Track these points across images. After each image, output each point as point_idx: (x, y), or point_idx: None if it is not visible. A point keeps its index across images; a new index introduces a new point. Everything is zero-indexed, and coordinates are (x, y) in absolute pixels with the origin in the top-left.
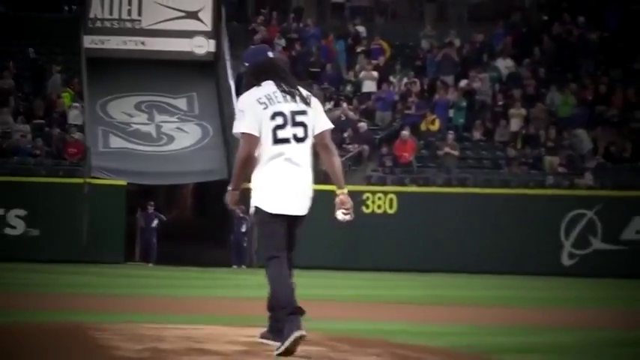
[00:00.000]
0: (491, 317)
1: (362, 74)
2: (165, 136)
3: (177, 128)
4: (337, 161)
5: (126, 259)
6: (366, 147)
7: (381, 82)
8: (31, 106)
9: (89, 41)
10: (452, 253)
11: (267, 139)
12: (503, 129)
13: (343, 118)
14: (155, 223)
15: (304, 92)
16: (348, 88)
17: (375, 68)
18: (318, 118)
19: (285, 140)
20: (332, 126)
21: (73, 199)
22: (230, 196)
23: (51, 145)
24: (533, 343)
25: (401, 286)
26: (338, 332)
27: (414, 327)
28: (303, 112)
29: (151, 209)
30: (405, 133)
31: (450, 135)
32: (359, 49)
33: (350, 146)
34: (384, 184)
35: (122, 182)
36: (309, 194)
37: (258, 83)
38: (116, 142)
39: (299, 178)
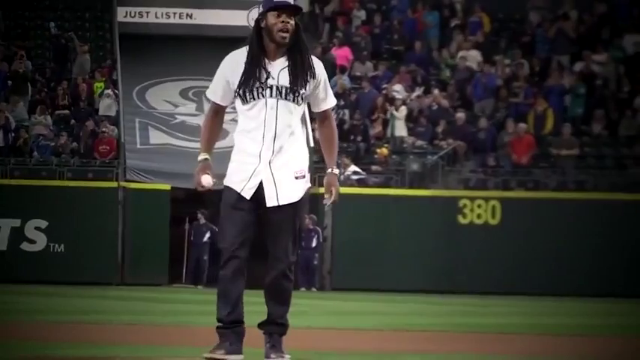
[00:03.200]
0: (610, 349)
1: (458, 54)
2: None
3: (233, 120)
4: None
5: (171, 281)
6: (462, 143)
7: (481, 63)
8: (53, 94)
9: (124, 14)
10: (568, 272)
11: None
12: (630, 121)
13: (435, 107)
14: (207, 236)
15: None
16: (446, 72)
17: (474, 46)
18: None
19: None
20: None
21: (105, 207)
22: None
23: (78, 141)
24: None
25: (503, 312)
26: None
27: None
28: None
29: (202, 220)
30: (523, 126)
31: (566, 129)
32: (453, 23)
33: (443, 142)
34: (485, 188)
35: (165, 186)
36: None
37: None
38: (157, 138)
39: None
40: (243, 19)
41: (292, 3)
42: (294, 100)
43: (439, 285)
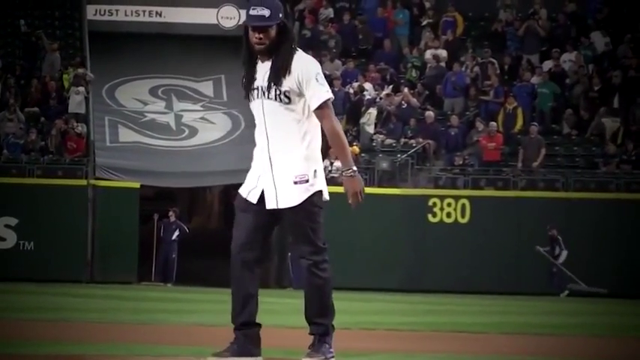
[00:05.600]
0: (579, 350)
1: (427, 52)
2: (186, 127)
3: (202, 118)
4: None
5: (140, 279)
6: (431, 141)
7: (450, 61)
8: (23, 92)
9: (93, 12)
10: (538, 271)
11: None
12: (600, 120)
13: (404, 105)
14: (176, 234)
15: None
16: (416, 70)
17: (444, 45)
18: None
19: None
20: None
21: (75, 204)
22: (360, 182)
23: (47, 139)
24: None
25: (470, 311)
26: None
27: None
28: None
29: (172, 217)
30: (493, 124)
31: (535, 127)
32: (425, 21)
33: (413, 140)
34: (454, 187)
35: (134, 184)
36: None
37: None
38: (126, 136)
39: None
40: (212, 17)
41: (261, 20)
42: (276, 99)
43: (409, 284)
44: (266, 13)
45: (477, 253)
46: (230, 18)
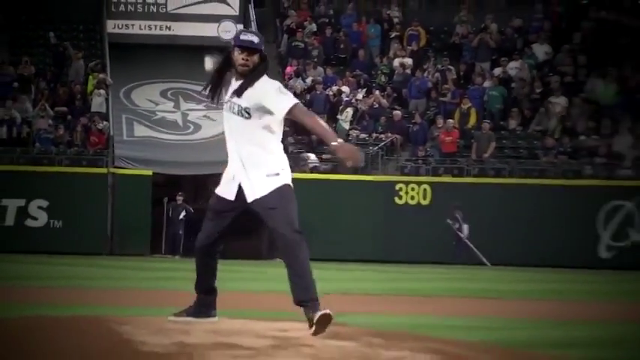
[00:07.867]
0: (522, 311)
1: (395, 61)
2: (191, 124)
3: (205, 116)
4: None
5: (152, 252)
6: (399, 136)
7: (415, 68)
8: (53, 94)
9: (112, 26)
10: (486, 245)
11: (281, 130)
12: (541, 117)
13: (376, 105)
14: (182, 214)
15: None
16: (383, 77)
17: (410, 54)
18: None
19: None
20: None
21: (97, 189)
22: (350, 146)
23: (73, 134)
24: (568, 337)
25: (431, 278)
26: (368, 326)
27: (442, 321)
28: None
29: (179, 200)
30: (450, 122)
31: (487, 124)
32: (393, 35)
33: (383, 135)
34: (418, 174)
35: (147, 172)
36: None
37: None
38: (141, 131)
39: None
40: (213, 30)
41: (251, 44)
42: (238, 114)
43: (380, 255)
44: (255, 39)
45: (437, 230)
46: (228, 31)
